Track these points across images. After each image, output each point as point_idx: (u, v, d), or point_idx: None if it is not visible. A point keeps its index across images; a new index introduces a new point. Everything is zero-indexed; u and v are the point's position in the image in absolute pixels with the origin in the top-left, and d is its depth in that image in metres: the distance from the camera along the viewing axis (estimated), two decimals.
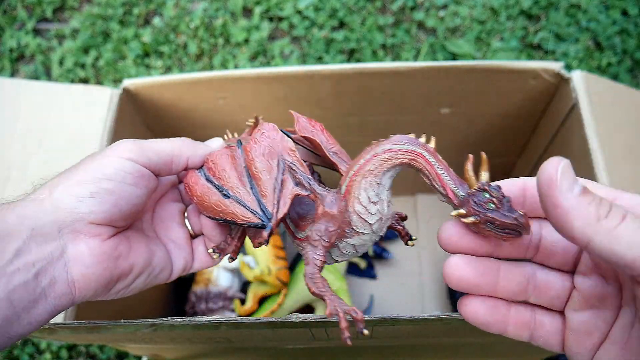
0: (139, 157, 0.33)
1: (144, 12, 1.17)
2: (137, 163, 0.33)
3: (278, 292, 0.77)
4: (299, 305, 0.78)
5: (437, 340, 0.56)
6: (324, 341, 0.51)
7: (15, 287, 0.28)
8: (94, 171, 0.32)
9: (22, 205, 0.30)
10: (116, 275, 0.33)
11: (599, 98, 0.57)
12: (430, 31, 1.13)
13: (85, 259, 0.31)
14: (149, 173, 0.34)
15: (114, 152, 0.33)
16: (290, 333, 0.47)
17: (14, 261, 0.28)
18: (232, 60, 1.10)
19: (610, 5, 1.10)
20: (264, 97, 0.68)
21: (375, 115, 0.72)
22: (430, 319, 0.39)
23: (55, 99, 0.63)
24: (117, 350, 0.88)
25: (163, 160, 0.34)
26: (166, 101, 0.68)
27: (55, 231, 0.30)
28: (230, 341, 0.55)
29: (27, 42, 1.14)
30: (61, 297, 0.30)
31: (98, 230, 0.31)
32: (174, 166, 0.35)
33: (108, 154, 0.33)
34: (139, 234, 0.36)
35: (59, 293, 0.30)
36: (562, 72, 0.61)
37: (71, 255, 0.31)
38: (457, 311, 0.31)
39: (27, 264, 0.29)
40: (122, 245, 0.33)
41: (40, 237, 0.30)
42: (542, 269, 0.30)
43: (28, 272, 0.29)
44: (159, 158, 0.34)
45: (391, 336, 0.51)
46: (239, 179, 0.34)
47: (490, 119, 0.72)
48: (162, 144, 0.35)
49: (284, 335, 0.49)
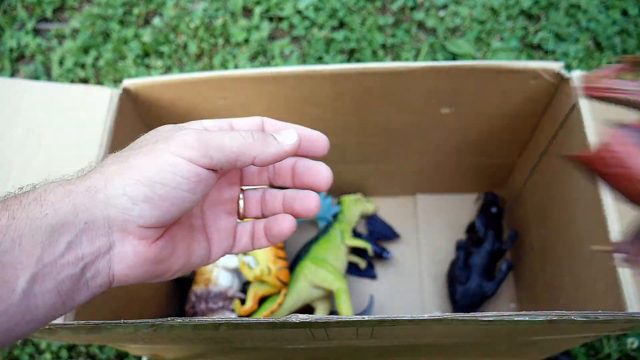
0: (201, 157, 0.30)
1: (144, 12, 1.17)
2: (197, 165, 0.31)
3: (278, 292, 0.77)
4: (300, 305, 0.78)
5: (437, 340, 0.56)
6: (324, 341, 0.51)
7: (63, 278, 0.29)
8: (150, 171, 0.30)
9: (76, 193, 0.30)
10: (154, 276, 0.33)
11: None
12: (430, 31, 1.13)
13: (130, 260, 0.31)
14: (209, 174, 0.32)
15: (173, 148, 0.30)
16: (290, 333, 0.47)
17: (65, 254, 0.29)
18: (232, 60, 1.10)
19: (610, 5, 1.10)
20: (264, 97, 0.68)
21: (376, 115, 0.72)
22: (430, 320, 0.39)
23: (55, 99, 0.63)
24: (117, 350, 0.88)
25: (227, 158, 0.32)
26: (166, 101, 0.68)
27: (106, 227, 0.30)
28: (230, 341, 0.55)
29: (27, 42, 1.14)
30: (100, 287, 0.31)
31: (147, 233, 0.31)
32: (238, 164, 0.33)
33: (166, 150, 0.30)
34: (185, 229, 0.35)
35: (98, 283, 0.31)
36: (562, 72, 0.61)
37: (117, 253, 0.31)
38: (458, 311, 0.31)
39: (77, 258, 0.29)
40: (165, 250, 0.33)
41: (92, 232, 0.30)
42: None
43: (77, 266, 0.29)
44: (222, 156, 0.31)
45: (391, 336, 0.51)
46: None
47: (491, 119, 0.72)
48: (229, 140, 0.32)
49: (283, 335, 0.49)
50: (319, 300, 0.79)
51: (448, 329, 0.46)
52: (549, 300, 0.69)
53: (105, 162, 0.31)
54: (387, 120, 0.73)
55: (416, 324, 0.40)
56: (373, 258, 0.88)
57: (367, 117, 0.72)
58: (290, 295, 0.76)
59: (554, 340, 0.54)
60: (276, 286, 0.75)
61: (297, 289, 0.76)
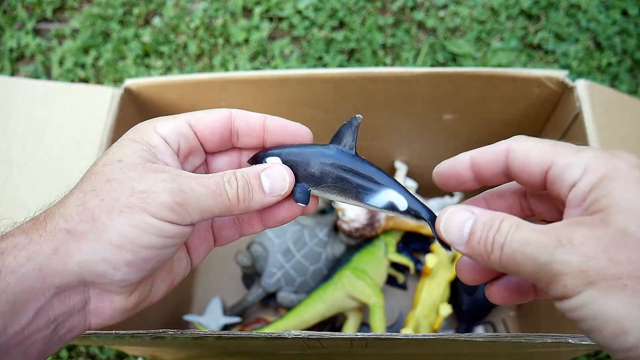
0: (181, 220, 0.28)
1: (144, 12, 1.17)
2: (179, 225, 0.28)
3: None
4: (332, 313, 0.75)
5: (433, 351, 0.56)
6: (319, 349, 0.51)
7: (33, 342, 0.26)
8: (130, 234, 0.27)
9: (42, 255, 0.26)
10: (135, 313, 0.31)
11: (603, 107, 0.57)
12: (430, 31, 1.13)
13: (107, 313, 0.29)
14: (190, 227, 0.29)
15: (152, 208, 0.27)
16: (285, 344, 0.47)
17: (34, 321, 0.26)
18: (232, 60, 1.10)
19: (610, 5, 1.10)
20: (265, 100, 0.68)
21: (377, 120, 0.72)
22: (423, 339, 0.40)
23: (55, 98, 0.63)
24: (116, 350, 0.88)
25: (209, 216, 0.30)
26: (167, 101, 0.68)
27: (81, 287, 0.28)
28: (224, 347, 0.55)
29: (27, 42, 1.14)
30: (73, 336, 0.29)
31: (125, 288, 0.29)
32: None
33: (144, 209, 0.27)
34: None
35: (73, 335, 0.29)
36: (566, 80, 0.61)
37: (93, 308, 0.29)
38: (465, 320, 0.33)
39: (48, 321, 0.27)
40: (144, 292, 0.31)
41: (64, 293, 0.27)
42: None
43: (48, 328, 0.27)
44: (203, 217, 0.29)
45: (388, 346, 0.51)
46: None
47: (493, 126, 0.72)
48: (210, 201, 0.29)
49: (278, 344, 0.49)
50: (352, 311, 0.76)
51: (444, 344, 0.46)
52: (548, 307, 0.69)
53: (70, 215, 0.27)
54: (389, 125, 0.73)
55: (409, 342, 0.41)
56: None
57: (368, 122, 0.72)
58: (324, 301, 0.73)
59: (555, 353, 0.54)
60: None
61: (333, 297, 0.73)
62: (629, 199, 0.24)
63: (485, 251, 0.26)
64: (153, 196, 0.27)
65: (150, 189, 0.28)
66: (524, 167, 0.28)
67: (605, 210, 0.24)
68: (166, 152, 0.31)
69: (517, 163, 0.28)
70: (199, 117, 0.33)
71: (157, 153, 0.30)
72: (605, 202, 0.24)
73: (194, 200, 0.28)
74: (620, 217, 0.23)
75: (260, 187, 0.31)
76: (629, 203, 0.23)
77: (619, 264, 0.23)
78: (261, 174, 0.31)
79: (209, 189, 0.29)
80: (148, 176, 0.28)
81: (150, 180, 0.28)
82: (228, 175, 0.30)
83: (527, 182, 0.28)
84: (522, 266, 0.25)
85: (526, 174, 0.28)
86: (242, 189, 0.30)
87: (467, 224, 0.27)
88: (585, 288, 0.23)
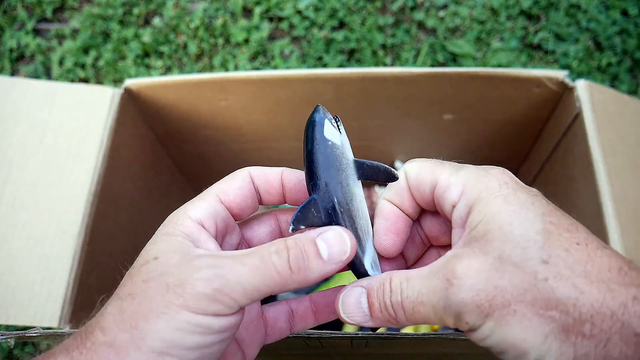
0: (226, 308, 0.25)
1: (144, 12, 1.17)
2: (224, 315, 0.25)
3: None
4: None
5: (435, 350, 0.56)
6: (319, 349, 0.51)
7: None
8: (172, 337, 0.24)
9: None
10: None
11: (603, 107, 0.58)
12: (430, 31, 1.13)
13: None
14: (239, 315, 0.26)
15: (191, 304, 0.25)
16: (284, 343, 0.47)
17: None
18: (232, 61, 1.10)
19: (610, 5, 1.10)
20: (265, 100, 0.68)
21: (377, 120, 0.72)
22: (423, 338, 0.40)
23: (56, 98, 0.63)
24: None
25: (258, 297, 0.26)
26: (167, 101, 0.68)
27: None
28: None
29: (27, 42, 1.14)
30: None
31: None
32: None
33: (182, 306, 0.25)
34: None
35: None
36: (566, 80, 0.61)
37: None
38: None
39: None
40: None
41: None
42: None
43: None
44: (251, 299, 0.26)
45: (388, 345, 0.51)
46: None
47: (493, 126, 0.72)
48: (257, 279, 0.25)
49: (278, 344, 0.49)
50: None
51: (444, 343, 0.46)
52: None
53: (108, 326, 0.25)
54: (390, 125, 0.73)
55: (410, 342, 0.41)
56: None
57: (368, 121, 0.72)
58: None
59: None
60: None
61: None
62: (499, 224, 0.25)
63: (391, 316, 0.27)
64: (188, 288, 0.25)
65: (185, 281, 0.25)
66: (418, 186, 0.29)
67: (482, 240, 0.25)
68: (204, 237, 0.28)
69: (412, 183, 0.29)
70: (224, 190, 0.30)
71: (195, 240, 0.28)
72: (481, 230, 0.26)
73: (236, 283, 0.25)
74: (496, 244, 0.25)
75: (317, 253, 0.27)
76: (500, 228, 0.25)
77: (504, 290, 0.24)
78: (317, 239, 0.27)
79: (252, 265, 0.26)
80: (183, 268, 0.26)
81: (185, 271, 0.25)
82: (277, 244, 0.27)
83: (422, 202, 0.30)
84: (427, 315, 0.26)
85: (419, 193, 0.29)
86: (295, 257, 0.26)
87: (363, 300, 0.28)
88: (484, 321, 0.25)
